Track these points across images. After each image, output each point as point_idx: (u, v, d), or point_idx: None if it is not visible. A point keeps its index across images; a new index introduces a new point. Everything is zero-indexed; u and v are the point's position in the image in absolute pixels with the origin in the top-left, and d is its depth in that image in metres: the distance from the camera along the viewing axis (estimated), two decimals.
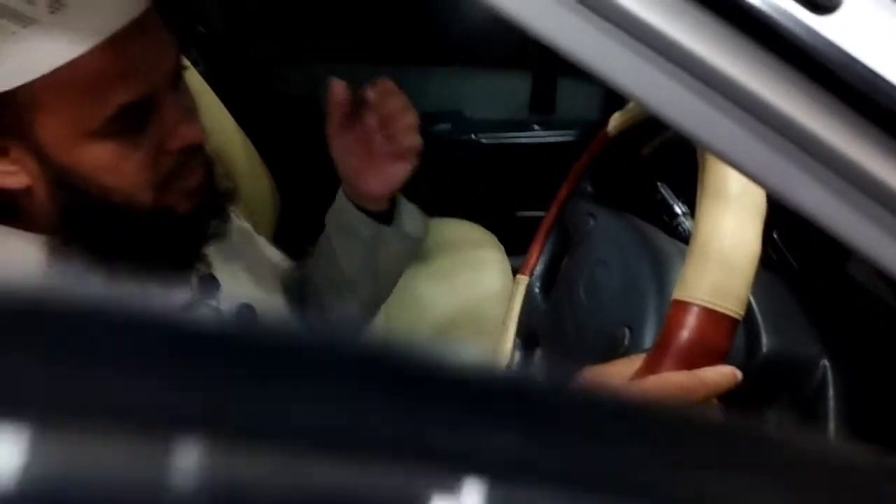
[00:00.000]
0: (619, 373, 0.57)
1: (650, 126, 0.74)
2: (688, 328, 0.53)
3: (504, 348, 0.85)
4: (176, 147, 0.66)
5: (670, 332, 0.53)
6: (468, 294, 1.36)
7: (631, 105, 0.74)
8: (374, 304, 0.99)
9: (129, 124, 0.62)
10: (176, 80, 0.66)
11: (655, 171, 0.80)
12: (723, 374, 0.53)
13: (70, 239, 0.67)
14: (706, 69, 0.35)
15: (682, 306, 0.53)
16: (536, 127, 1.63)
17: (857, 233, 0.36)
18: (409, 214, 0.92)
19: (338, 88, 0.79)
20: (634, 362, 0.57)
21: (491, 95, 1.66)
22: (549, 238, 0.84)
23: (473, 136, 1.61)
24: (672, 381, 0.53)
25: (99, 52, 0.58)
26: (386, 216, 0.88)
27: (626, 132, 0.75)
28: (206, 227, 0.74)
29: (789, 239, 0.71)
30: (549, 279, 0.84)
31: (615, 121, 0.76)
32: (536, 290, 0.84)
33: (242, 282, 0.85)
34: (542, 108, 1.68)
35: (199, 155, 0.69)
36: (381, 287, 0.98)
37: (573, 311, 0.71)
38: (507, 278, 1.38)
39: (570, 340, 0.71)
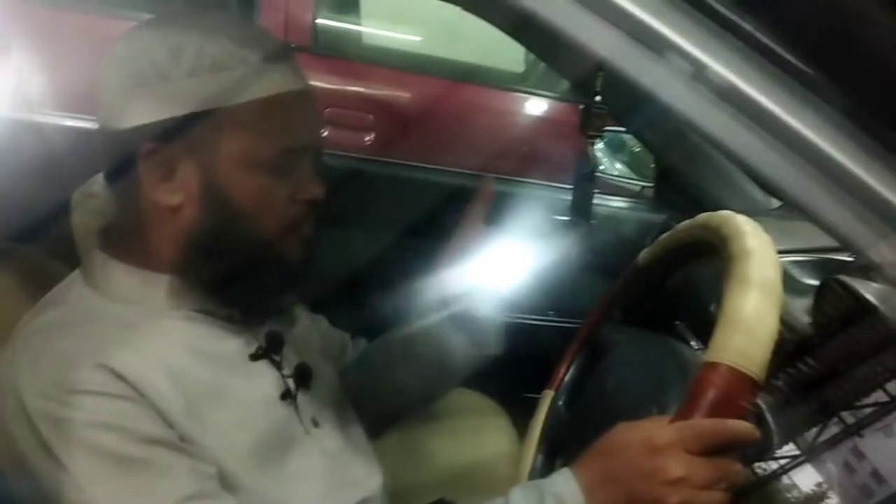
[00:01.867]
0: (649, 426, 0.64)
1: (676, 259, 0.85)
2: (715, 384, 0.61)
3: (527, 460, 0.89)
4: (305, 198, 0.80)
5: (699, 388, 0.61)
6: (475, 453, 1.39)
7: (660, 239, 0.86)
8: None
9: (284, 166, 0.77)
10: (318, 146, 0.83)
11: (674, 310, 0.90)
12: (746, 426, 0.60)
13: (192, 266, 0.78)
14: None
15: (711, 366, 0.61)
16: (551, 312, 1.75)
17: None
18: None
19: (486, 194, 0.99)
20: (664, 420, 0.63)
21: None
22: (578, 356, 0.92)
23: None
24: (701, 424, 0.60)
25: (286, 98, 0.76)
26: None
27: (654, 264, 0.87)
28: (299, 283, 0.84)
29: None
30: (575, 394, 0.90)
31: (646, 252, 0.88)
32: (561, 404, 0.91)
33: (301, 349, 0.93)
34: None
35: (316, 214, 0.83)
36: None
37: (601, 406, 0.78)
38: (513, 443, 1.41)
39: (597, 435, 0.77)
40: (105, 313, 0.76)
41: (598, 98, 1.01)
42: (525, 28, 1.40)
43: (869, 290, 0.79)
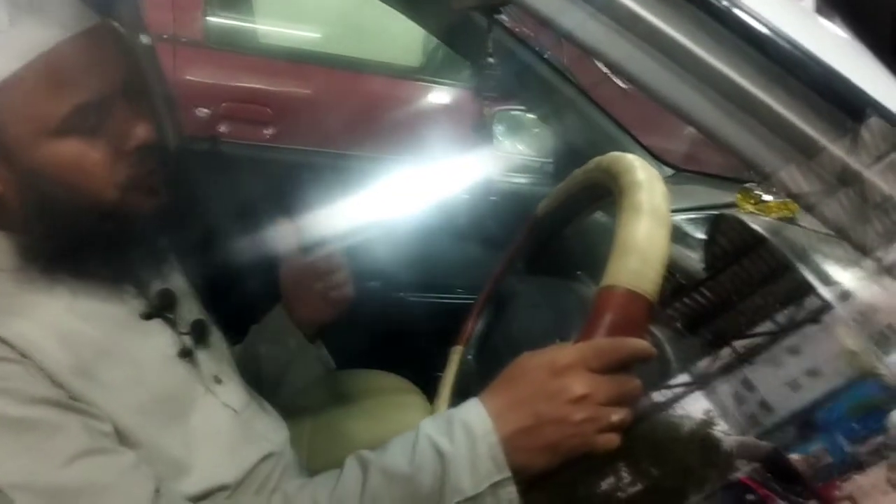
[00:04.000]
0: (552, 350, 0.65)
1: (573, 206, 0.88)
2: (612, 306, 0.63)
3: (439, 410, 0.90)
4: (131, 147, 0.74)
5: (597, 311, 0.63)
6: (392, 430, 1.38)
7: (556, 188, 0.89)
8: None
9: (86, 124, 0.70)
10: (130, 86, 0.74)
11: (575, 260, 0.93)
12: (642, 343, 0.63)
13: (41, 237, 0.73)
14: None
15: (608, 289, 0.63)
16: (459, 290, 1.78)
17: None
18: (323, 349, 1.17)
19: (290, 234, 1.05)
20: (565, 346, 0.65)
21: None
22: (484, 311, 0.93)
23: (402, 295, 1.76)
24: (600, 343, 0.62)
25: (52, 56, 0.67)
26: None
27: (552, 213, 0.89)
28: (169, 231, 0.81)
29: None
30: (483, 346, 0.92)
31: (544, 202, 0.90)
32: (470, 357, 0.92)
33: (194, 310, 0.90)
34: None
35: (156, 155, 0.77)
36: (281, 397, 1.11)
37: (509, 351, 0.79)
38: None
39: None
40: None
41: (489, 60, 1.03)
42: (420, 6, 1.42)
43: (759, 223, 0.84)
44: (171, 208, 0.79)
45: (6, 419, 0.64)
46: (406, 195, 1.71)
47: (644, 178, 0.69)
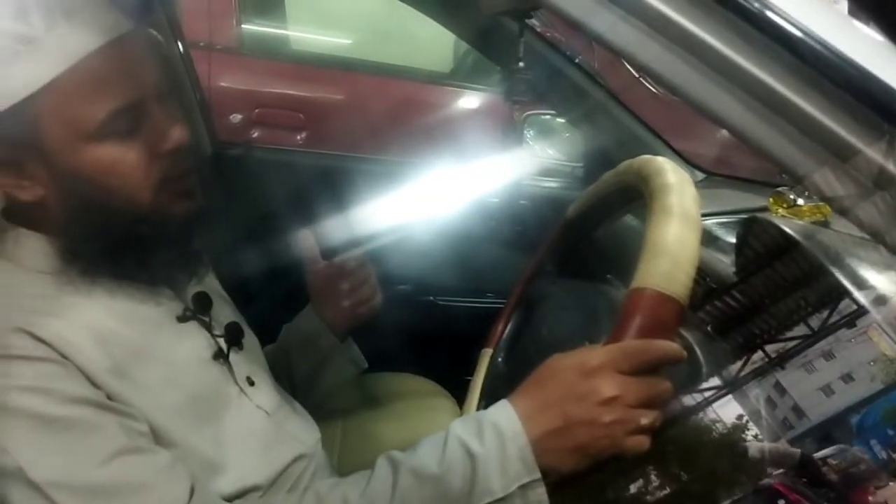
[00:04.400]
0: (581, 352, 0.66)
1: (603, 208, 0.88)
2: (642, 308, 0.63)
3: (469, 413, 0.90)
4: (166, 149, 0.75)
5: (627, 313, 0.63)
6: (421, 431, 1.39)
7: (587, 190, 0.89)
8: None
9: (122, 127, 0.72)
10: (163, 91, 0.76)
11: (605, 264, 0.93)
12: (672, 345, 0.63)
13: (80, 240, 0.75)
14: None
15: (638, 291, 0.63)
16: (489, 294, 1.78)
17: None
18: (355, 348, 1.18)
19: (307, 243, 1.07)
20: (595, 348, 0.65)
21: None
22: (514, 314, 0.94)
23: (432, 299, 1.77)
24: (630, 344, 0.62)
25: (88, 62, 0.69)
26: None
27: (582, 215, 0.89)
28: (203, 234, 0.83)
29: None
30: (512, 349, 0.92)
31: (574, 205, 0.90)
32: (499, 360, 0.92)
33: (228, 313, 0.92)
34: None
35: (190, 158, 0.79)
36: (314, 396, 1.13)
37: (538, 353, 0.79)
38: None
39: None
40: (22, 283, 0.75)
41: (520, 64, 1.04)
42: (451, 12, 1.43)
43: (791, 226, 0.83)
44: (205, 211, 0.81)
45: (46, 418, 0.65)
46: (436, 199, 1.72)
47: (675, 180, 0.69)
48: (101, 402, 0.69)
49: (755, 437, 0.83)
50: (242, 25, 2.59)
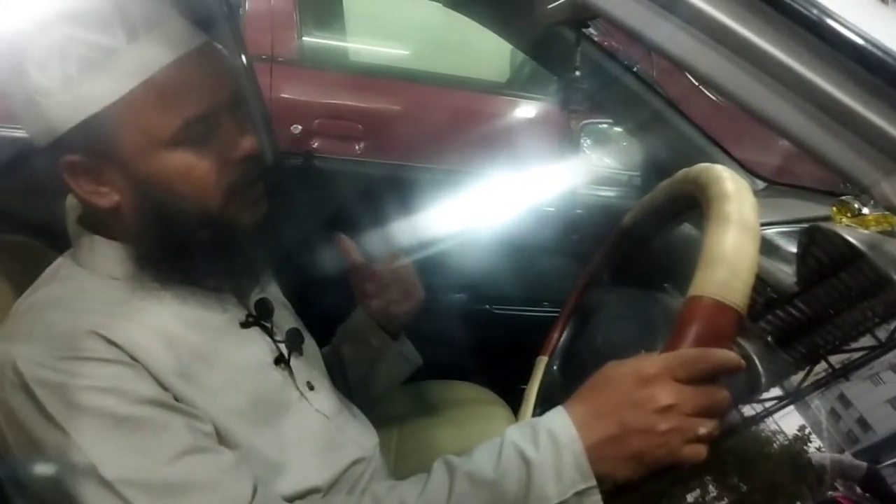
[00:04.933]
0: (637, 360, 0.66)
1: (659, 217, 0.87)
2: (699, 317, 0.63)
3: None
4: (236, 157, 0.78)
5: (684, 321, 0.63)
6: (476, 438, 1.40)
7: (643, 199, 0.88)
8: None
9: (196, 135, 0.76)
10: (235, 101, 0.79)
11: (663, 272, 0.92)
12: (730, 354, 0.62)
13: (152, 246, 0.79)
14: None
15: (695, 300, 0.63)
16: (545, 303, 1.79)
17: None
18: (408, 345, 1.20)
19: (345, 244, 1.10)
20: (651, 356, 0.65)
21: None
22: (569, 322, 0.94)
23: (488, 307, 1.79)
24: (687, 353, 0.62)
25: (167, 72, 0.73)
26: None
27: (638, 224, 0.89)
28: (267, 242, 0.85)
29: None
30: (568, 357, 0.92)
31: (630, 213, 0.90)
32: (554, 368, 0.92)
33: (289, 319, 0.95)
34: None
35: (259, 168, 0.82)
36: (370, 395, 1.16)
37: (593, 361, 0.79)
38: None
39: None
40: (96, 288, 0.78)
41: (577, 73, 1.05)
42: (507, 22, 1.44)
43: (857, 236, 0.82)
44: (269, 220, 0.83)
45: (117, 417, 0.68)
46: (493, 208, 1.73)
47: (732, 188, 0.68)
48: (169, 403, 0.72)
49: (818, 448, 0.81)
50: (303, 38, 2.64)
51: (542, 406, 0.90)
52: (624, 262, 0.93)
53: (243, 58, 1.62)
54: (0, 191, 1.03)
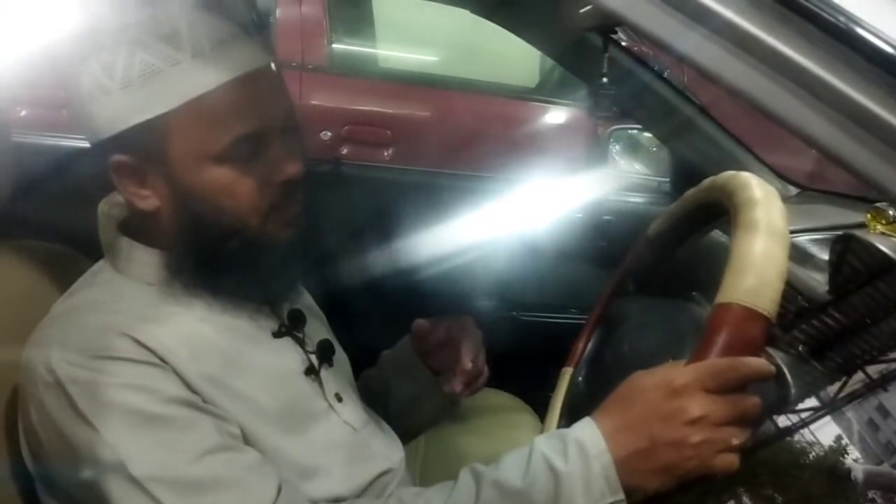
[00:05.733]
0: (666, 370, 0.65)
1: (685, 226, 0.86)
2: (727, 324, 0.62)
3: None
4: (280, 179, 0.79)
5: (712, 329, 0.62)
6: (503, 446, 1.39)
7: (669, 207, 0.87)
8: None
9: (243, 153, 0.76)
10: (286, 125, 0.80)
11: (689, 281, 0.91)
12: (760, 361, 0.61)
13: (187, 254, 0.80)
14: None
15: (723, 307, 0.62)
16: (573, 310, 1.77)
17: None
18: None
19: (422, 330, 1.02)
20: (679, 363, 0.64)
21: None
22: (594, 332, 0.93)
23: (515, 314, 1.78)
24: (717, 362, 0.61)
25: (225, 89, 0.74)
26: None
27: (664, 233, 0.88)
28: (301, 260, 0.85)
29: None
30: (593, 368, 0.91)
31: (656, 222, 0.89)
32: (580, 379, 0.91)
33: (321, 330, 0.95)
34: None
35: (299, 191, 0.82)
36: (407, 430, 1.12)
37: (619, 370, 0.78)
38: None
39: None
40: (130, 293, 0.80)
41: (604, 80, 1.04)
42: (536, 28, 1.44)
43: (890, 245, 0.80)
44: (304, 235, 0.84)
45: (146, 415, 0.69)
46: (521, 214, 1.73)
47: (760, 195, 0.67)
48: (196, 404, 0.73)
49: (855, 460, 0.79)
50: (333, 45, 2.66)
51: (567, 417, 0.89)
52: (649, 271, 0.92)
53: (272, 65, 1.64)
54: (35, 199, 1.05)
